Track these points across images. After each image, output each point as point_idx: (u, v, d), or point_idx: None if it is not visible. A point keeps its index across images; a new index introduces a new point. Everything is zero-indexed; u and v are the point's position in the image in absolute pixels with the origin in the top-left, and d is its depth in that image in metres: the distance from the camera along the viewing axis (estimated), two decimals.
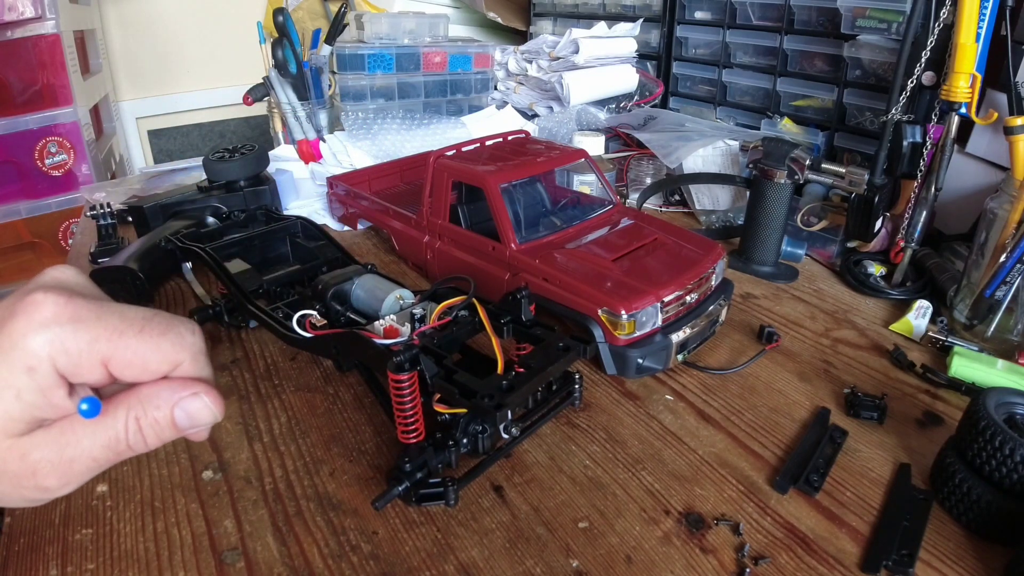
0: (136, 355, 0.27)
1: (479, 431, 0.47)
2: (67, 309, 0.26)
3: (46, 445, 0.27)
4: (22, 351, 0.25)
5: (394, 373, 0.43)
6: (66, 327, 0.26)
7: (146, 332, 0.28)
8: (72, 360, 0.26)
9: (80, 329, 0.26)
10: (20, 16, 1.27)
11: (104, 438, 0.28)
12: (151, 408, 0.28)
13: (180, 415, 0.29)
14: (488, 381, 0.43)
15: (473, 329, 0.50)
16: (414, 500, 0.44)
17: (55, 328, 0.26)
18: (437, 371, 0.44)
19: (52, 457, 0.27)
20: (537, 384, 0.45)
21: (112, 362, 0.27)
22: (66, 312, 0.26)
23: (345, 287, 0.58)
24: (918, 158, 0.74)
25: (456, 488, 0.44)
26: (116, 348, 0.27)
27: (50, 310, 0.26)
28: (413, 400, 0.44)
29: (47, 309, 0.26)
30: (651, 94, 1.22)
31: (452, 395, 0.43)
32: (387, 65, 1.23)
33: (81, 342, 0.26)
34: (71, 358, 0.26)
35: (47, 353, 0.25)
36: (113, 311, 0.27)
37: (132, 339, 0.27)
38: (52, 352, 0.26)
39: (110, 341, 0.27)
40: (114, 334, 0.27)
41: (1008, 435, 0.41)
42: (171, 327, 0.29)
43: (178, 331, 0.29)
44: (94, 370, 0.27)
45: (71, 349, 0.26)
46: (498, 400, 0.41)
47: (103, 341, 0.26)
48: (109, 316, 0.27)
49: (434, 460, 0.45)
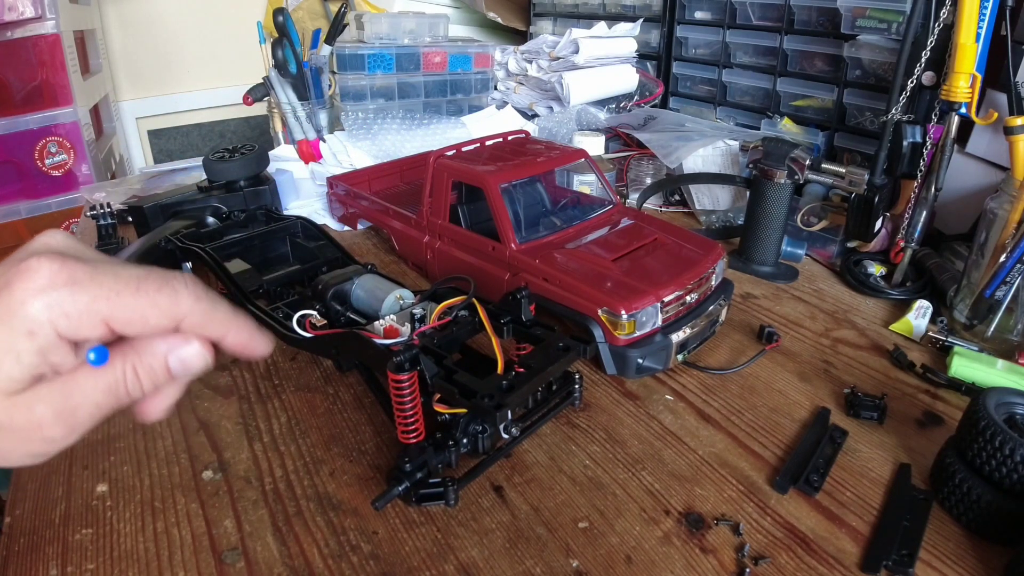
0: (135, 312, 0.28)
1: (479, 431, 0.47)
2: (62, 273, 0.27)
3: (50, 397, 0.28)
4: (22, 318, 0.26)
5: (394, 373, 0.43)
6: (63, 291, 0.27)
7: (142, 290, 0.28)
8: (72, 323, 0.27)
9: (77, 291, 0.27)
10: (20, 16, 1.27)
11: (104, 385, 0.29)
12: (147, 356, 0.30)
13: (174, 362, 0.31)
14: (488, 381, 0.43)
15: (473, 329, 0.50)
16: (414, 500, 0.44)
17: (52, 293, 0.26)
18: (437, 371, 0.44)
19: (57, 407, 0.28)
20: (537, 384, 0.45)
21: (112, 320, 0.28)
22: (62, 276, 0.27)
23: (345, 287, 0.58)
24: (918, 158, 0.74)
25: (456, 488, 0.44)
26: (114, 307, 0.28)
27: (46, 276, 0.27)
28: (413, 400, 0.44)
29: (43, 275, 0.27)
30: (651, 94, 1.22)
31: (452, 395, 0.43)
32: (387, 65, 1.23)
33: (79, 304, 0.27)
34: (71, 320, 0.27)
35: (47, 318, 0.26)
36: (108, 271, 0.28)
37: (129, 298, 0.28)
38: (52, 316, 0.26)
39: (108, 300, 0.27)
40: (111, 294, 0.28)
41: (1008, 435, 0.41)
42: (166, 283, 0.29)
43: (172, 287, 0.29)
44: (95, 329, 0.28)
45: (70, 312, 0.27)
46: (498, 400, 0.41)
47: (101, 301, 0.27)
48: (104, 277, 0.28)
49: (434, 460, 0.45)
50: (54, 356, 0.27)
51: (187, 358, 0.31)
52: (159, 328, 0.30)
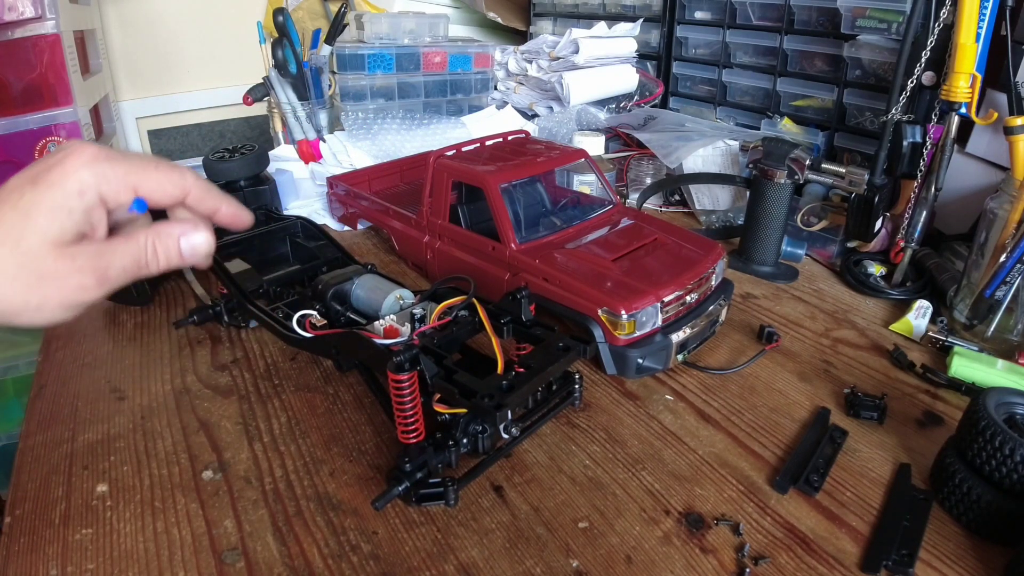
0: (156, 182, 0.38)
1: (479, 431, 0.47)
2: (103, 152, 0.37)
3: (89, 253, 0.35)
4: (75, 180, 0.35)
5: (394, 373, 0.43)
6: (104, 163, 0.36)
7: (161, 167, 0.39)
8: (112, 186, 0.36)
9: (116, 165, 0.36)
10: (20, 16, 1.27)
11: (132, 253, 0.37)
12: (164, 236, 0.38)
13: (185, 244, 0.39)
14: (488, 381, 0.43)
15: (473, 329, 0.50)
16: (414, 500, 0.44)
17: (96, 165, 0.36)
18: (437, 371, 0.44)
19: (93, 263, 0.35)
20: (537, 384, 0.45)
21: (140, 188, 0.38)
22: (103, 154, 0.37)
23: (345, 287, 0.58)
24: (918, 158, 0.74)
25: (456, 488, 0.44)
26: (141, 177, 0.37)
27: (91, 152, 0.37)
28: (413, 400, 0.44)
29: (89, 151, 0.37)
30: (651, 94, 1.22)
31: (452, 395, 0.43)
32: (387, 65, 1.23)
33: (118, 172, 0.36)
34: (111, 184, 0.36)
35: (94, 181, 0.35)
36: (134, 155, 0.39)
37: (152, 171, 0.38)
38: (97, 180, 0.36)
39: (137, 173, 0.37)
40: (139, 167, 0.38)
41: (1008, 435, 0.41)
42: (176, 166, 0.40)
43: (181, 169, 0.40)
44: (128, 194, 0.37)
45: (111, 178, 0.36)
46: (498, 400, 0.41)
47: (133, 173, 0.37)
48: (133, 157, 0.38)
49: (434, 460, 0.45)
50: (96, 215, 0.36)
51: (196, 243, 0.39)
52: (173, 196, 0.39)
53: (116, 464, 0.49)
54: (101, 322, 0.69)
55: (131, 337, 0.66)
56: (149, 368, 0.60)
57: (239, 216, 0.43)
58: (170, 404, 0.55)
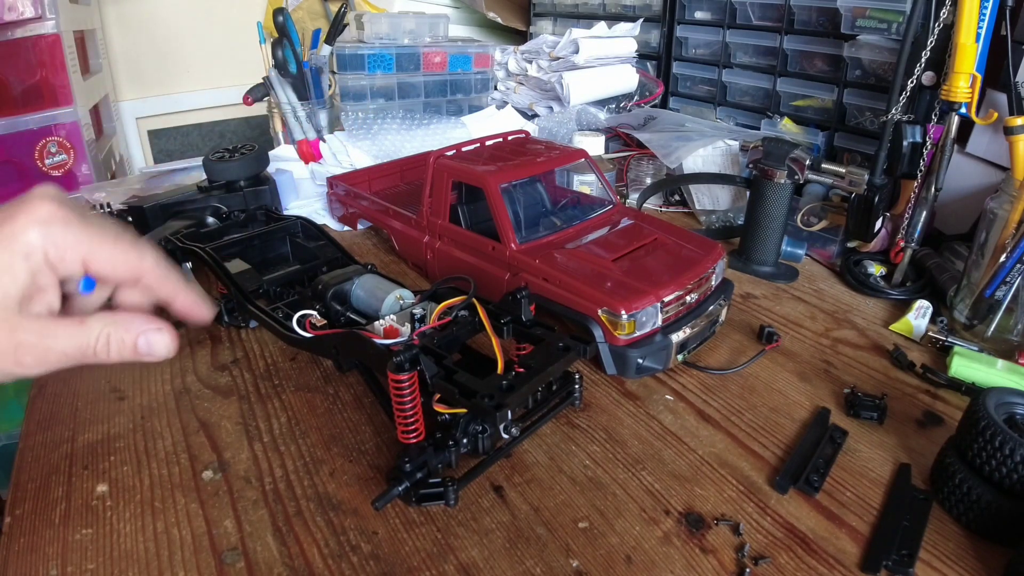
0: (109, 258, 0.35)
1: (479, 431, 0.47)
2: (59, 212, 0.33)
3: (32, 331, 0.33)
4: (22, 242, 0.32)
5: (394, 373, 0.43)
6: (57, 226, 0.33)
7: (119, 243, 0.36)
8: (59, 252, 0.33)
9: (68, 230, 0.34)
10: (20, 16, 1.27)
11: (77, 341, 0.34)
12: (122, 330, 0.35)
13: (142, 342, 0.36)
14: (488, 381, 0.43)
15: (473, 329, 0.50)
16: (414, 500, 0.44)
17: (48, 226, 0.33)
18: (437, 371, 0.44)
19: (34, 341, 0.33)
20: (537, 384, 0.45)
21: (90, 260, 0.35)
22: (58, 215, 0.33)
23: (345, 287, 0.58)
24: (918, 158, 0.74)
25: (456, 488, 0.44)
26: (94, 249, 0.34)
27: (46, 211, 0.33)
28: (413, 400, 0.44)
29: (44, 210, 0.33)
30: (651, 94, 1.22)
31: (452, 395, 0.43)
32: (387, 65, 1.23)
33: (69, 239, 0.34)
34: (59, 251, 0.33)
35: (40, 244, 0.33)
36: (94, 222, 0.35)
37: (108, 245, 0.35)
38: (45, 244, 0.33)
39: (91, 243, 0.34)
40: (94, 238, 0.34)
41: (1008, 435, 0.41)
42: (137, 243, 0.37)
43: (141, 247, 0.37)
44: (75, 263, 0.34)
45: (60, 243, 0.33)
46: (498, 400, 0.41)
47: (85, 243, 0.34)
48: (91, 225, 0.35)
49: (434, 460, 0.45)
50: (42, 279, 0.33)
51: (154, 343, 0.36)
52: (125, 276, 0.37)
53: (116, 464, 0.49)
54: None
55: None
56: (149, 368, 0.60)
57: (198, 309, 0.40)
58: (170, 404, 0.55)
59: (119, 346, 0.35)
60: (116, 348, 0.35)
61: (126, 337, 0.35)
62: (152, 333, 0.36)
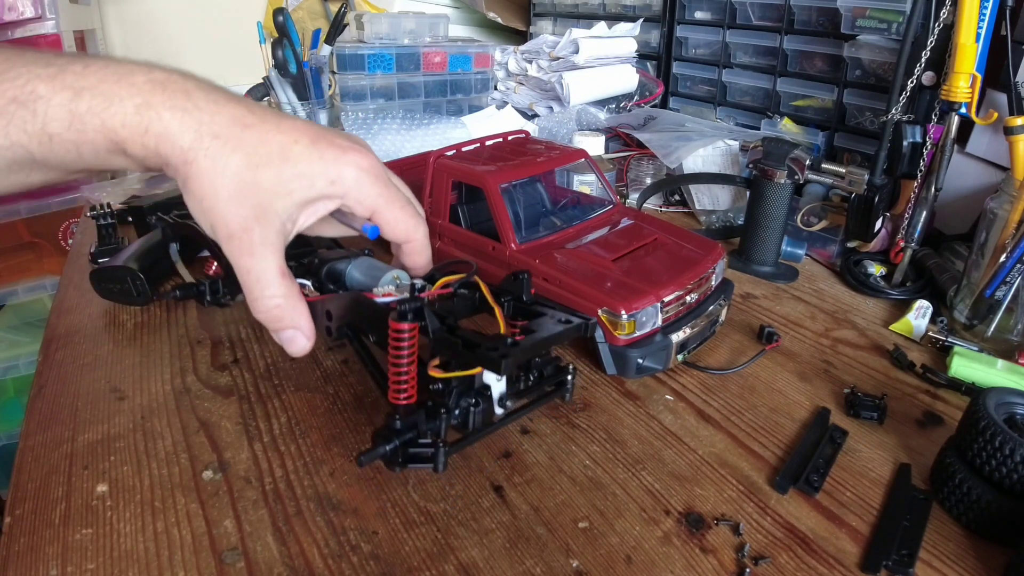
0: (393, 220, 0.43)
1: (472, 404, 0.46)
2: (376, 169, 0.42)
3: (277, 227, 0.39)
4: (337, 172, 0.40)
5: (396, 322, 0.42)
6: (368, 178, 0.41)
7: (406, 210, 0.44)
8: (358, 198, 0.41)
9: (375, 185, 0.41)
10: (20, 16, 1.27)
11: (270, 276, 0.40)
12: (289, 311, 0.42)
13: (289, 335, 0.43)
14: (492, 336, 0.42)
15: (473, 307, 0.50)
16: (401, 461, 0.43)
17: (364, 174, 0.40)
18: (440, 327, 0.43)
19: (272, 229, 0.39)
20: (542, 346, 0.44)
21: (377, 215, 0.43)
22: (375, 171, 0.41)
23: (340, 265, 0.57)
24: (918, 158, 0.74)
25: (447, 452, 0.43)
26: (383, 209, 0.43)
27: (368, 163, 0.41)
28: (411, 354, 0.43)
29: (367, 161, 0.41)
30: (651, 94, 1.22)
31: (455, 348, 0.42)
32: (387, 65, 1.23)
33: (372, 192, 0.41)
34: (359, 197, 0.41)
35: (351, 183, 0.40)
36: (396, 185, 0.44)
37: (397, 210, 0.43)
38: (352, 185, 0.40)
39: (386, 203, 0.42)
40: (389, 200, 0.42)
41: (1008, 435, 0.41)
42: (421, 219, 0.46)
43: (419, 221, 0.45)
44: (365, 212, 0.43)
45: (364, 193, 0.41)
46: (503, 351, 0.40)
47: (381, 201, 0.42)
48: (392, 189, 0.43)
49: (424, 425, 0.44)
50: (326, 206, 0.41)
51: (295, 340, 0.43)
52: (396, 238, 0.45)
53: (116, 464, 0.49)
54: (101, 322, 0.69)
55: (131, 337, 0.66)
56: (149, 368, 0.60)
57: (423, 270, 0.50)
58: (170, 404, 0.55)
59: (274, 316, 0.41)
60: (272, 314, 0.41)
61: (285, 318, 0.41)
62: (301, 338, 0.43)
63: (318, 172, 0.39)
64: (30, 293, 1.47)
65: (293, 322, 0.42)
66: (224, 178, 0.36)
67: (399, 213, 0.43)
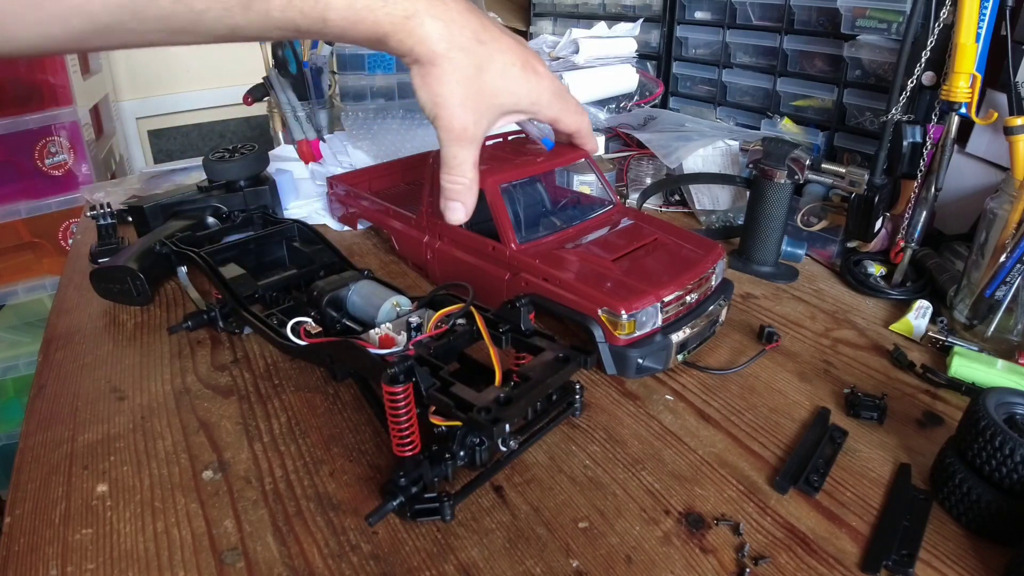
0: (568, 122, 0.58)
1: (476, 443, 0.46)
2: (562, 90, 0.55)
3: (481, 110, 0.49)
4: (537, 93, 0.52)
5: (388, 385, 0.42)
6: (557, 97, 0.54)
7: (577, 112, 0.58)
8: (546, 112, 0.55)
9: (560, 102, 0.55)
10: None
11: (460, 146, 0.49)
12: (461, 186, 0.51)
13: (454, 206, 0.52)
14: (485, 394, 0.42)
15: (471, 338, 0.50)
16: (409, 515, 0.43)
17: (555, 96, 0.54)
18: (432, 383, 0.43)
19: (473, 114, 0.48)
20: (536, 397, 0.44)
21: (558, 123, 0.58)
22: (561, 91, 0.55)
23: (341, 293, 0.57)
24: (918, 158, 0.74)
25: (452, 503, 0.43)
26: (561, 117, 0.56)
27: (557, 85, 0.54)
28: (408, 413, 0.43)
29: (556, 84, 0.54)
30: (651, 94, 1.22)
31: (448, 409, 0.42)
32: (387, 65, 1.23)
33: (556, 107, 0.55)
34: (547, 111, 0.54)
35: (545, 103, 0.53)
36: (570, 96, 0.57)
37: (571, 114, 0.57)
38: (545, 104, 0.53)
39: (562, 112, 0.56)
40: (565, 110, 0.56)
41: (1008, 435, 0.41)
42: (586, 116, 0.59)
43: (585, 116, 0.59)
44: (547, 120, 0.56)
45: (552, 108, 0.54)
46: (495, 414, 0.40)
47: (560, 112, 0.56)
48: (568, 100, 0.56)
49: (430, 474, 0.44)
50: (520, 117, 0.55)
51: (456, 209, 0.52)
52: (568, 130, 0.60)
53: (116, 464, 0.49)
54: (101, 322, 0.69)
55: (131, 337, 0.66)
56: (149, 368, 0.60)
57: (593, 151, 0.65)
58: (170, 404, 0.55)
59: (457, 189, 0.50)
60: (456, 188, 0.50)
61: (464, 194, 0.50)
62: (462, 211, 0.51)
63: (524, 92, 0.50)
64: (30, 293, 1.47)
65: (464, 198, 0.51)
66: (460, 86, 0.46)
67: (572, 117, 0.57)
